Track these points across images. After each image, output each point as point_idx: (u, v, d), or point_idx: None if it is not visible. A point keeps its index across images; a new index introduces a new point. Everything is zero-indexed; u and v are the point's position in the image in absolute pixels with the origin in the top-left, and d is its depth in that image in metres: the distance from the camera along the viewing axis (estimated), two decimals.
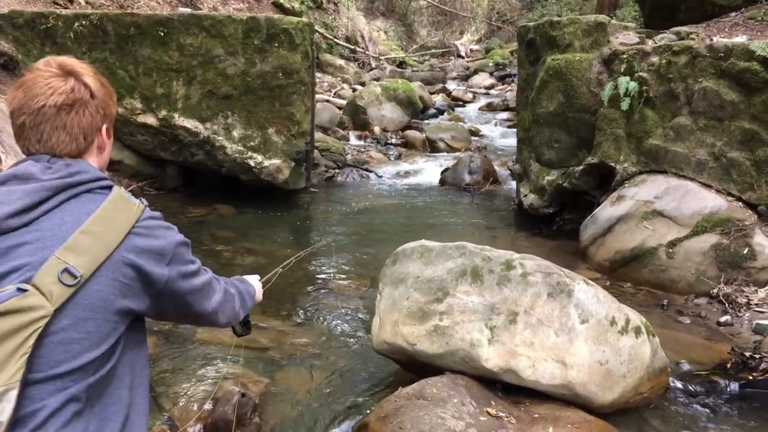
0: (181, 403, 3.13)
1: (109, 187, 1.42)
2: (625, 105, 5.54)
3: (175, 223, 1.56)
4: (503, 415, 2.84)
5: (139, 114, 7.03)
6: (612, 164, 5.71)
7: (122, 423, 1.35)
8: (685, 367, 3.71)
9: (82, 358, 1.27)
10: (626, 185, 5.54)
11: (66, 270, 1.25)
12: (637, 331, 3.14)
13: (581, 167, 6.00)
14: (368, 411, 3.07)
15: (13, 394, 1.17)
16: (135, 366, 1.42)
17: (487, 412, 2.84)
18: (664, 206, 5.11)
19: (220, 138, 7.00)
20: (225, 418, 3.01)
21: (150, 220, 1.42)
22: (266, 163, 7.02)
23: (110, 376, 1.33)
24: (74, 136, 1.39)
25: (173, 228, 1.49)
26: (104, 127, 1.46)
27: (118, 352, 1.35)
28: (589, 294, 3.09)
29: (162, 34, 6.82)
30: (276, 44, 6.90)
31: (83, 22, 6.91)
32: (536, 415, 2.88)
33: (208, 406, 3.10)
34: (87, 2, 9.88)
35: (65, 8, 8.71)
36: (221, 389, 3.20)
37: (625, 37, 6.25)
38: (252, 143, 7.03)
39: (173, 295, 1.45)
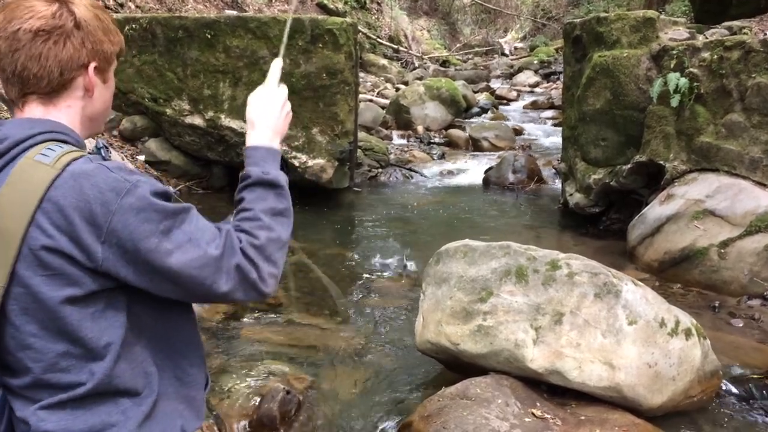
0: (227, 399, 3.18)
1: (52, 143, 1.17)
2: (675, 102, 5.40)
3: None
4: (549, 416, 2.81)
5: (187, 115, 7.16)
6: (661, 162, 5.58)
7: (148, 409, 1.22)
8: (738, 370, 3.60)
9: (44, 358, 1.15)
10: (676, 184, 5.41)
11: None
12: (688, 333, 3.06)
13: (629, 166, 5.88)
14: (412, 410, 3.07)
15: None
16: (155, 343, 1.25)
17: (532, 414, 2.81)
18: (716, 205, 4.97)
19: None
20: (270, 415, 3.05)
21: (67, 182, 1.10)
22: (310, 162, 7.08)
23: (119, 365, 1.18)
24: (48, 69, 1.18)
25: (119, 180, 1.12)
26: (92, 65, 1.24)
27: (116, 335, 1.17)
28: (637, 295, 3.03)
29: (209, 36, 6.94)
30: (320, 45, 6.95)
31: (133, 26, 7.07)
32: (583, 418, 2.83)
33: (253, 402, 3.15)
34: (137, 6, 10.12)
35: (116, 12, 8.94)
36: (266, 386, 3.24)
37: (674, 33, 6.09)
38: (296, 143, 7.09)
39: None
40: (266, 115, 1.40)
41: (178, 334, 1.30)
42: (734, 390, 3.41)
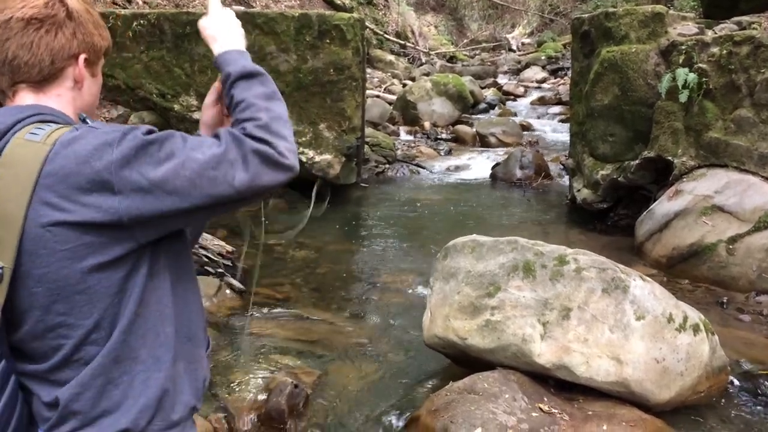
0: (235, 393, 3.20)
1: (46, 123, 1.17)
2: (683, 97, 5.38)
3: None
4: (556, 411, 2.81)
5: (195, 111, 7.17)
6: (669, 158, 5.56)
7: (167, 373, 1.24)
8: (746, 366, 3.59)
9: (75, 334, 1.16)
10: (684, 180, 5.40)
11: None
12: (696, 329, 3.06)
13: (637, 161, 5.87)
14: (419, 404, 3.08)
15: None
16: (175, 301, 1.26)
17: (540, 408, 2.81)
18: (725, 201, 4.95)
19: None
20: (278, 408, 3.07)
21: (60, 153, 1.10)
22: (318, 158, 7.08)
23: (136, 323, 1.19)
24: (39, 57, 1.20)
25: (108, 133, 1.12)
26: (83, 56, 1.26)
27: (132, 295, 1.18)
28: (645, 290, 3.03)
29: None
30: (327, 40, 6.94)
31: (141, 22, 7.09)
32: (590, 413, 2.84)
33: (261, 396, 3.16)
34: (144, 2, 10.15)
35: (124, 8, 8.96)
36: (274, 380, 3.26)
37: (683, 28, 6.07)
38: (303, 139, 7.10)
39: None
40: (224, 30, 1.40)
41: (191, 290, 1.32)
42: (742, 385, 3.41)
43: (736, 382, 3.41)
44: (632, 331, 2.93)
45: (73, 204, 1.10)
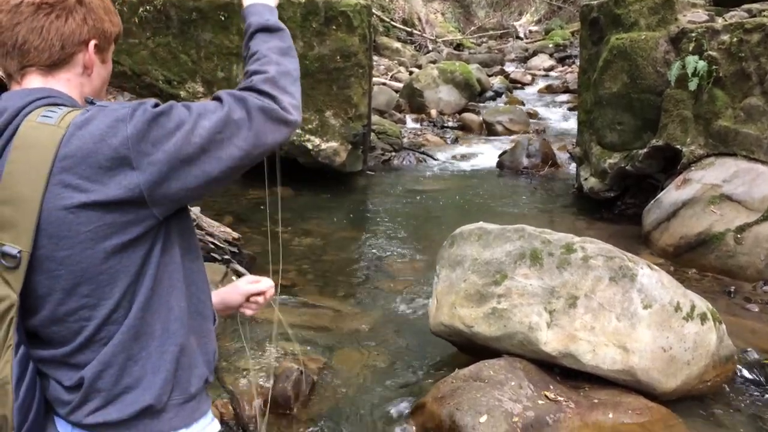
0: (242, 379, 3.21)
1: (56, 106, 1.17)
2: (693, 85, 5.33)
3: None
4: (562, 399, 2.81)
5: (201, 97, 7.16)
6: (678, 147, 5.52)
7: (177, 348, 1.24)
8: (753, 355, 3.57)
9: (98, 315, 1.17)
10: (693, 168, 5.36)
11: (2, 252, 1.11)
12: (703, 318, 3.05)
13: (645, 150, 5.83)
14: (425, 391, 3.08)
15: (9, 388, 1.13)
16: (184, 276, 1.27)
17: (545, 396, 2.82)
18: (733, 190, 4.92)
19: None
20: (284, 394, 3.08)
21: (75, 134, 1.10)
22: (324, 145, 7.07)
23: (152, 299, 1.20)
24: (49, 42, 1.19)
25: (118, 110, 1.13)
26: (93, 42, 1.25)
27: (149, 272, 1.19)
28: (653, 279, 3.01)
29: (223, 18, 6.92)
30: (334, 27, 6.91)
31: (147, 8, 7.06)
32: (596, 401, 2.84)
33: (268, 382, 3.17)
34: None
35: None
36: (281, 366, 3.27)
37: (693, 15, 6.01)
38: (310, 126, 7.09)
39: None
40: None
41: (197, 264, 1.32)
42: (749, 375, 3.40)
43: (743, 372, 3.40)
44: (639, 320, 2.92)
45: (94, 184, 1.10)
